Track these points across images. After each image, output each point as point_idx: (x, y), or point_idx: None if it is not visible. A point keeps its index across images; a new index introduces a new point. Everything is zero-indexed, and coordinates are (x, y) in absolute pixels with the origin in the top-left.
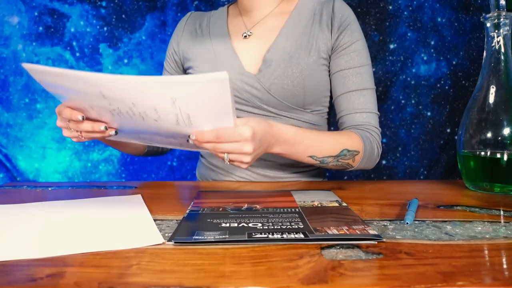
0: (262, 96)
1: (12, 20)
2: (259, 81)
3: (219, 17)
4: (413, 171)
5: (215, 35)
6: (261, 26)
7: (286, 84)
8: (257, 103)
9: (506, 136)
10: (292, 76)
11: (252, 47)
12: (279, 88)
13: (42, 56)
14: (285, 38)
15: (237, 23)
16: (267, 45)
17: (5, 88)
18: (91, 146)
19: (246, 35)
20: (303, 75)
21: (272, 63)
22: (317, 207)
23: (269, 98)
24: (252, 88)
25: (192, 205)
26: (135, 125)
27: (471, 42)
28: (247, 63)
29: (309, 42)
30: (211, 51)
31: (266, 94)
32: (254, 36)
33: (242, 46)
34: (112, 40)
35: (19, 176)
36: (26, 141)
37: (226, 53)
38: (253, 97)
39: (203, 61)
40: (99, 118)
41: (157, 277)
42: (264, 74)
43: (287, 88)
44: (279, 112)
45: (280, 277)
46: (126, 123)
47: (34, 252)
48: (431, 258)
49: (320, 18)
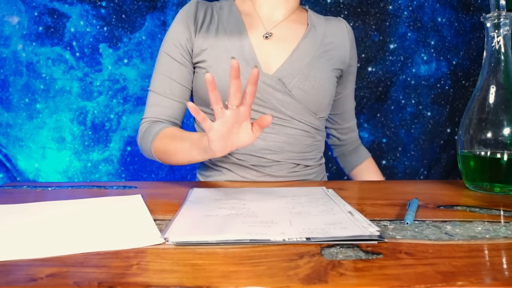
0: (282, 98)
1: (12, 20)
2: (282, 83)
3: (230, 11)
4: (413, 171)
5: (232, 32)
6: (281, 28)
7: (308, 88)
8: (275, 104)
9: (506, 136)
10: (314, 81)
11: (273, 48)
12: (301, 92)
13: (42, 56)
14: (308, 44)
15: (254, 22)
16: (290, 48)
17: (5, 88)
18: (91, 146)
19: (267, 35)
20: (322, 81)
21: (295, 66)
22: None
23: (289, 100)
24: (274, 90)
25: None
26: None
27: (471, 42)
28: (267, 64)
29: (327, 53)
30: (228, 49)
31: (287, 96)
32: (275, 37)
33: (262, 46)
34: (112, 40)
35: (19, 176)
36: (26, 141)
37: (245, 52)
38: (273, 98)
39: (219, 59)
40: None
41: (157, 277)
42: (287, 76)
43: (308, 92)
44: (294, 116)
45: (280, 277)
46: None
47: (34, 252)
48: (431, 258)
49: (332, 42)
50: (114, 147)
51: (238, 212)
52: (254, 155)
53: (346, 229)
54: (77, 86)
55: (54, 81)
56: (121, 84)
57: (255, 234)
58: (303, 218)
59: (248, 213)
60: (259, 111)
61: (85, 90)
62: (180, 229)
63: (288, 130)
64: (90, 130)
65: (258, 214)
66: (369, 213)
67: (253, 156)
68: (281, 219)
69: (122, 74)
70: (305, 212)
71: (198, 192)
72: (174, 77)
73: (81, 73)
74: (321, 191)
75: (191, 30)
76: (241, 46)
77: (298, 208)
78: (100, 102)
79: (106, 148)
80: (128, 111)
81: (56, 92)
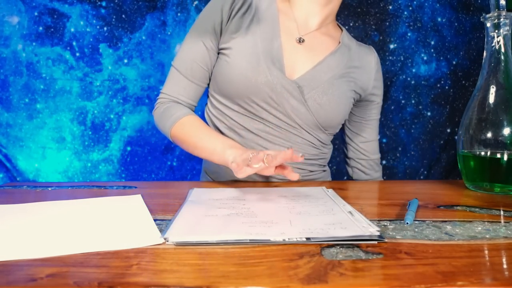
0: (296, 106)
1: (12, 20)
2: (300, 91)
3: (269, 6)
4: (413, 171)
5: (265, 27)
6: (313, 37)
7: (323, 102)
8: (288, 110)
9: (506, 136)
10: (331, 97)
11: (300, 55)
12: (316, 104)
13: (42, 56)
14: (335, 61)
15: (289, 23)
16: (317, 59)
17: (5, 88)
18: (91, 146)
19: (299, 40)
20: (339, 100)
21: (316, 79)
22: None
23: (303, 110)
24: (290, 95)
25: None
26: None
27: (471, 42)
28: (291, 68)
29: (350, 75)
30: (256, 43)
31: (301, 105)
32: (306, 44)
33: (291, 50)
34: (112, 40)
35: (19, 176)
36: (26, 141)
37: (273, 51)
38: (287, 104)
39: (244, 51)
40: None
41: (157, 277)
42: (306, 86)
43: (323, 107)
44: (303, 126)
45: (280, 277)
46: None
47: (34, 252)
48: (431, 258)
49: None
50: (114, 147)
51: (238, 212)
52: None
53: (346, 229)
54: (77, 86)
55: (54, 81)
56: (121, 84)
57: (255, 234)
58: (303, 218)
59: (248, 213)
60: (271, 112)
61: (85, 90)
62: (180, 229)
63: (295, 138)
64: (90, 130)
65: (258, 214)
66: (369, 213)
67: None
68: (281, 219)
69: (122, 74)
70: (305, 212)
71: (198, 192)
72: (197, 59)
73: (81, 73)
74: (321, 191)
75: (225, 15)
76: (271, 44)
77: (298, 208)
78: (100, 102)
79: (106, 148)
80: (128, 111)
81: (56, 92)
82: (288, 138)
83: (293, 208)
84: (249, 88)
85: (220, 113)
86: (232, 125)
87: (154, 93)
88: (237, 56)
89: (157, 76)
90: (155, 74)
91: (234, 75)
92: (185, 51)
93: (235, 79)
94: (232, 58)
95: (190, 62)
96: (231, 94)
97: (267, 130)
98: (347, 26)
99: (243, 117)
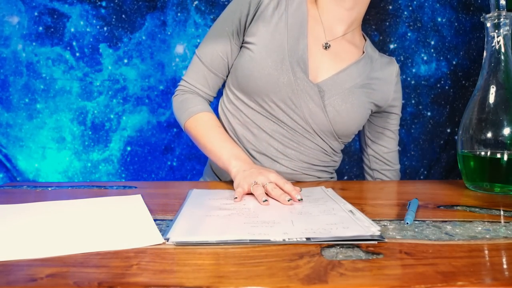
0: (314, 110)
1: (12, 20)
2: (320, 96)
3: (299, 7)
4: (413, 171)
5: (293, 28)
6: (339, 43)
7: (342, 110)
8: (305, 114)
9: (506, 136)
10: (350, 106)
11: (325, 60)
12: (334, 111)
13: (42, 56)
14: (358, 70)
15: (316, 27)
16: (340, 66)
17: (5, 88)
18: (91, 146)
19: (326, 46)
20: (357, 109)
21: (338, 85)
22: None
23: (320, 115)
24: (310, 99)
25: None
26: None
27: (471, 42)
28: (314, 72)
29: (370, 86)
30: (283, 43)
31: (320, 109)
32: (331, 50)
33: (316, 54)
34: (112, 40)
35: (19, 176)
36: (26, 141)
37: (298, 52)
38: (305, 107)
39: (269, 50)
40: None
41: (157, 277)
42: (327, 91)
43: (341, 114)
44: (317, 131)
45: (280, 277)
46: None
47: (34, 252)
48: (431, 258)
49: (381, 76)
50: (114, 147)
51: (239, 212)
52: (269, 157)
53: (349, 229)
54: (77, 86)
55: (54, 81)
56: (121, 84)
57: (258, 234)
58: (305, 218)
59: (249, 213)
60: (288, 114)
61: (85, 90)
62: (180, 229)
63: (308, 143)
64: (90, 130)
65: (259, 214)
66: (369, 213)
67: (268, 158)
68: (283, 219)
69: (122, 74)
70: (306, 212)
71: (198, 192)
72: (219, 49)
73: (81, 73)
74: (320, 190)
75: (253, 7)
76: (297, 45)
77: (299, 208)
78: (100, 102)
79: (106, 148)
80: (128, 111)
81: (56, 92)
82: (301, 143)
83: (293, 208)
84: (270, 86)
85: (235, 108)
86: (245, 122)
87: (154, 93)
88: (262, 52)
89: (157, 76)
90: (155, 74)
91: (256, 71)
92: (208, 39)
93: (256, 75)
94: (257, 54)
95: (212, 51)
96: (250, 90)
97: (281, 132)
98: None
99: (258, 116)
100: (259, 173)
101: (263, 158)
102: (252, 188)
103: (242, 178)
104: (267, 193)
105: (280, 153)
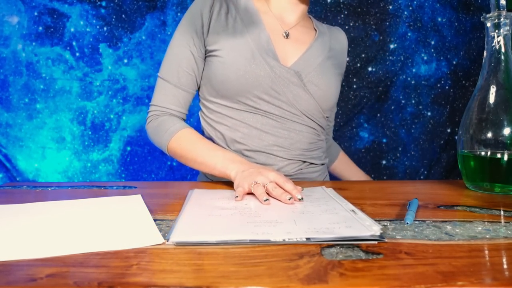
0: (297, 92)
1: (12, 20)
2: (298, 76)
3: (247, 6)
4: (413, 171)
5: (250, 25)
6: (296, 30)
7: (321, 84)
8: (290, 98)
9: (506, 136)
10: (327, 78)
11: (289, 46)
12: (314, 87)
13: (42, 56)
14: (319, 47)
15: (271, 21)
16: (304, 47)
17: (5, 88)
18: (90, 146)
19: (286, 35)
20: (332, 80)
21: (309, 62)
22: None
23: (303, 95)
24: (290, 82)
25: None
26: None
27: (471, 42)
28: (284, 57)
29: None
30: (247, 41)
31: (302, 90)
32: (291, 37)
33: (279, 42)
34: (112, 40)
35: (19, 176)
36: (26, 141)
37: (263, 44)
38: (288, 92)
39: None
40: None
41: (157, 277)
42: (302, 70)
43: (321, 88)
44: (304, 112)
45: (280, 277)
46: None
47: (34, 252)
48: (431, 258)
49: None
50: (114, 147)
51: (241, 212)
52: (263, 152)
53: (351, 228)
54: (77, 86)
55: (54, 81)
56: (121, 84)
57: (261, 233)
58: (307, 218)
59: (251, 213)
60: (273, 103)
61: (85, 90)
62: (181, 229)
63: (298, 127)
64: (90, 130)
65: (261, 214)
66: (369, 213)
67: (262, 153)
68: (285, 219)
69: (122, 74)
70: (308, 212)
71: (198, 192)
72: (183, 65)
73: (81, 73)
74: (321, 190)
75: (205, 17)
76: (260, 39)
77: (300, 207)
78: (100, 102)
79: (106, 148)
80: (128, 111)
81: (56, 92)
82: (291, 128)
83: (295, 207)
84: (250, 83)
85: (220, 116)
86: (234, 125)
87: None
88: (231, 53)
89: (157, 76)
90: (155, 74)
91: (232, 72)
92: (170, 59)
93: (233, 77)
94: (226, 58)
95: (177, 69)
96: (230, 93)
97: (271, 123)
98: (347, 26)
99: (246, 114)
100: (259, 173)
101: (256, 154)
102: (253, 188)
103: (242, 178)
104: (268, 192)
105: (273, 145)
